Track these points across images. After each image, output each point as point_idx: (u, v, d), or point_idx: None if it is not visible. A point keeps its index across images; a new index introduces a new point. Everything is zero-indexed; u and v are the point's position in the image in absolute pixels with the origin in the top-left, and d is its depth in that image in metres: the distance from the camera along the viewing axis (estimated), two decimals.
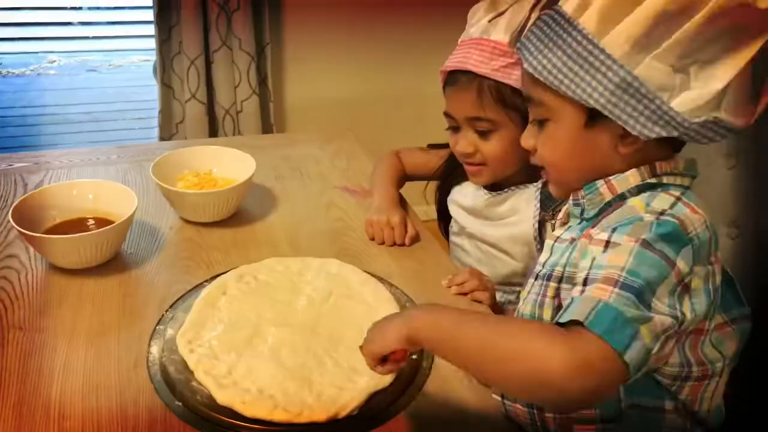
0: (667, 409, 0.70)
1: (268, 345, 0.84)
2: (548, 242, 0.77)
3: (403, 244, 1.09)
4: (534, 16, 0.93)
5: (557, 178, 0.76)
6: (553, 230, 1.00)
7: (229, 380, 0.78)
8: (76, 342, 0.86)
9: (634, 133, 0.64)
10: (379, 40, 2.28)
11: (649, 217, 0.63)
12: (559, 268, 0.72)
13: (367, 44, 2.28)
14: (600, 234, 0.65)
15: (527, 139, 0.76)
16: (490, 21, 0.97)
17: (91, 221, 1.05)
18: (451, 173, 1.16)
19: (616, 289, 0.56)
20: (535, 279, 0.76)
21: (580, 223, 0.74)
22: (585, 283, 0.59)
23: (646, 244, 0.59)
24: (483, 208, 1.08)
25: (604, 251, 0.62)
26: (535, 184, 1.04)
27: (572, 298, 0.59)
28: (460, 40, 1.03)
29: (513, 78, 0.95)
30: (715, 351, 0.69)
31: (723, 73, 0.61)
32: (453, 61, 1.01)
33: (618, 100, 0.64)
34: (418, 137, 1.30)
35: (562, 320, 0.56)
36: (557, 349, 0.53)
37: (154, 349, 0.84)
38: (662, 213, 0.63)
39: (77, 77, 2.39)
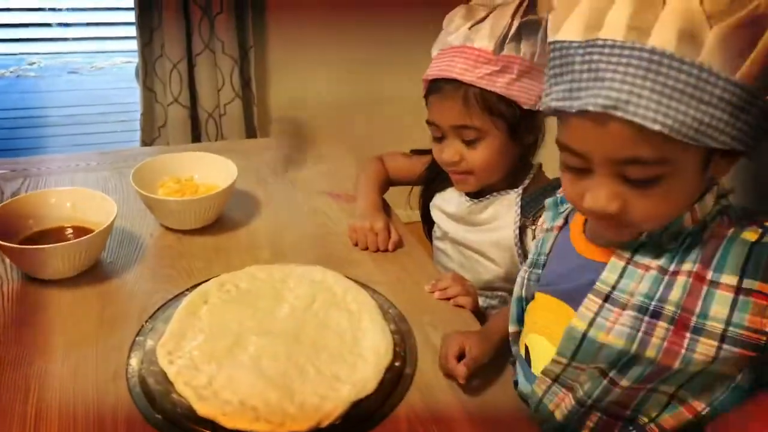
0: None
1: (249, 354, 0.83)
2: (615, 262, 0.70)
3: (386, 250, 1.09)
4: (516, 22, 0.93)
5: (652, 228, 0.67)
6: (533, 237, 1.00)
7: (210, 391, 0.78)
8: (53, 354, 0.84)
9: (749, 150, 0.61)
10: (362, 43, 2.27)
11: None
12: (671, 307, 0.66)
13: (351, 47, 2.27)
14: (730, 281, 0.63)
15: (611, 203, 0.63)
16: (470, 28, 0.96)
17: (70, 230, 1.04)
18: (434, 179, 1.16)
19: None
20: (607, 302, 0.69)
21: (646, 249, 0.68)
22: None
23: None
24: (465, 215, 1.08)
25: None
26: (515, 190, 1.04)
27: None
28: (439, 48, 1.01)
29: (498, 85, 0.95)
30: None
31: None
32: (436, 69, 1.00)
33: (756, 133, 0.60)
34: (402, 141, 1.30)
35: None
36: None
37: (134, 361, 0.83)
38: None
39: (58, 79, 2.36)
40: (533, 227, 1.00)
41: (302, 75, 2.26)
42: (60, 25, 2.22)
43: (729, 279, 0.63)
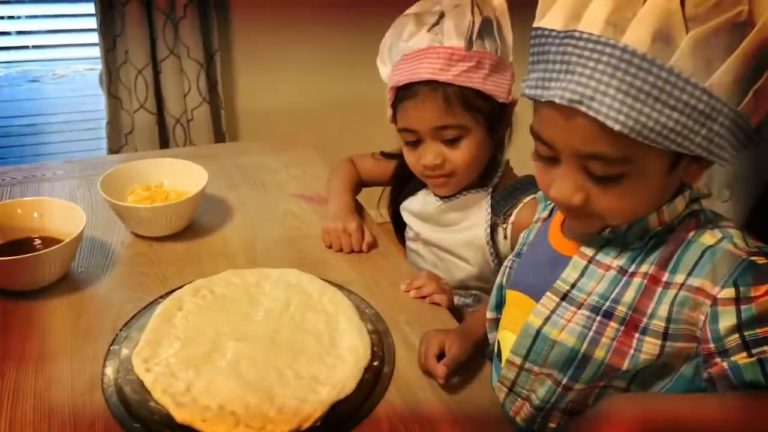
0: None
1: (227, 359, 0.83)
2: (578, 260, 0.71)
3: (360, 251, 1.09)
4: (477, 20, 0.94)
5: (616, 223, 0.68)
6: (505, 237, 1.01)
7: (188, 398, 0.77)
8: (25, 367, 0.83)
9: (724, 164, 0.61)
10: (329, 44, 2.27)
11: (761, 260, 0.61)
12: (623, 308, 0.67)
13: (319, 48, 2.27)
14: (720, 291, 0.62)
15: (573, 194, 0.64)
16: (429, 30, 0.97)
17: (38, 241, 1.02)
18: (403, 182, 1.15)
19: None
20: (564, 300, 0.70)
21: (610, 245, 0.69)
22: (748, 346, 0.60)
23: None
24: (436, 215, 1.09)
25: (745, 309, 0.60)
26: (485, 188, 1.05)
27: (762, 364, 0.59)
28: (400, 54, 1.00)
29: (475, 81, 0.95)
30: None
31: None
32: (406, 74, 0.98)
33: (725, 142, 0.59)
34: (372, 142, 1.30)
35: None
36: None
37: (109, 370, 0.82)
38: (763, 251, 0.62)
39: (19, 88, 2.31)
40: (504, 225, 1.01)
41: (269, 77, 2.25)
42: (19, 33, 2.17)
43: (678, 279, 0.64)
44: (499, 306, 0.84)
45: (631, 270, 0.68)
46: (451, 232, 1.08)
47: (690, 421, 0.60)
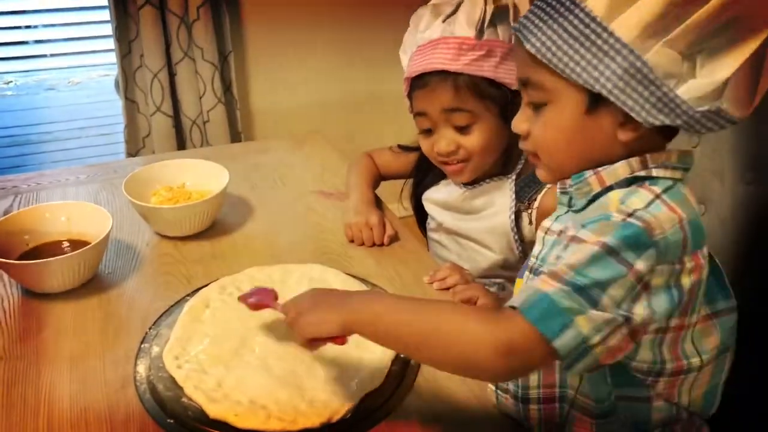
0: (652, 398, 0.70)
1: (256, 355, 0.84)
2: (539, 234, 0.75)
3: (382, 244, 1.10)
4: (489, 9, 0.95)
5: (551, 164, 0.72)
6: (530, 222, 1.02)
7: (220, 393, 0.78)
8: (59, 367, 0.84)
9: (639, 120, 0.63)
10: (341, 41, 2.28)
11: (617, 217, 0.62)
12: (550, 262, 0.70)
13: (331, 46, 2.28)
14: (571, 230, 0.65)
15: (520, 123, 0.73)
16: (444, 21, 0.97)
17: (66, 244, 1.04)
18: (424, 173, 1.16)
19: (559, 284, 0.59)
20: (530, 272, 0.74)
21: (567, 212, 0.73)
22: (538, 273, 0.63)
23: (605, 246, 0.60)
24: (459, 203, 1.09)
25: (567, 246, 0.63)
26: (509, 175, 1.05)
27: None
28: (415, 46, 1.01)
29: (485, 69, 0.96)
30: (693, 347, 0.69)
31: (729, 63, 0.60)
32: (418, 66, 1.00)
33: (625, 85, 0.62)
34: (387, 138, 1.31)
35: (505, 306, 0.61)
36: (487, 330, 0.60)
37: (141, 368, 0.83)
38: (632, 213, 0.62)
39: (36, 97, 2.34)
40: (529, 212, 1.02)
41: (283, 76, 2.26)
42: (36, 42, 2.20)
43: (572, 231, 0.66)
44: None
45: (564, 228, 0.71)
46: (475, 219, 1.08)
47: (381, 317, 0.68)
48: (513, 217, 1.03)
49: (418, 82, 1.01)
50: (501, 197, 1.05)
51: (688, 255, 0.63)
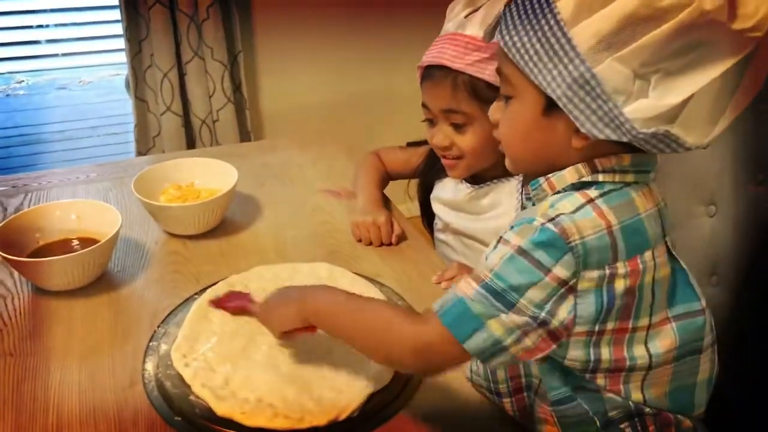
0: (601, 390, 0.70)
1: (263, 353, 0.84)
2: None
3: (390, 244, 1.10)
4: None
5: (510, 155, 0.75)
6: None
7: (227, 391, 0.78)
8: (69, 364, 0.85)
9: (583, 131, 0.63)
10: (351, 41, 2.28)
11: (538, 221, 0.63)
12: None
13: (340, 46, 2.28)
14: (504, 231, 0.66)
15: (494, 112, 0.75)
16: (466, 17, 0.97)
17: (76, 241, 1.04)
18: (431, 169, 1.16)
19: (478, 287, 0.63)
20: None
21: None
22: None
23: (520, 250, 0.62)
24: (465, 203, 1.09)
25: (495, 248, 0.65)
26: (516, 177, 1.05)
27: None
28: (438, 37, 1.03)
29: (487, 73, 0.96)
30: (644, 348, 0.68)
31: (682, 87, 0.59)
32: (429, 56, 1.01)
33: (573, 94, 0.62)
34: (395, 137, 1.31)
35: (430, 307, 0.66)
36: (409, 330, 0.68)
37: (149, 366, 0.84)
38: (553, 218, 0.63)
39: (47, 96, 2.36)
40: None
41: (292, 75, 2.27)
42: (48, 41, 2.21)
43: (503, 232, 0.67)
44: None
45: None
46: (482, 220, 1.08)
47: (324, 309, 0.76)
48: None
49: (426, 72, 1.03)
50: (507, 198, 1.05)
51: (622, 260, 0.63)
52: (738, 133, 1.01)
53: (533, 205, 0.71)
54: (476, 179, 1.08)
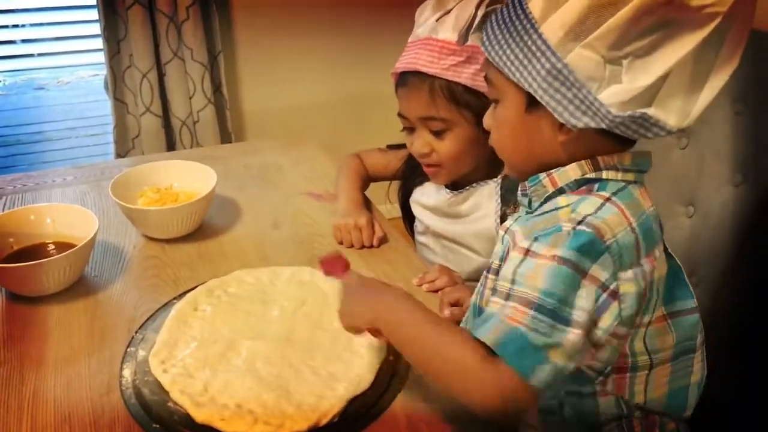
0: (598, 394, 0.70)
1: (243, 358, 0.83)
2: (500, 232, 0.76)
3: (371, 246, 1.09)
4: (480, 12, 0.94)
5: (505, 159, 0.76)
6: None
7: (206, 397, 0.77)
8: (44, 372, 0.83)
9: (562, 120, 0.65)
10: (332, 41, 2.27)
11: (567, 227, 0.63)
12: (497, 261, 0.72)
13: (321, 46, 2.27)
14: (523, 242, 0.65)
15: (486, 119, 0.76)
16: (437, 20, 0.97)
17: (52, 246, 1.02)
18: (411, 174, 1.16)
19: (532, 312, 0.60)
20: (489, 272, 0.76)
21: (527, 214, 0.74)
22: (507, 298, 0.62)
23: (561, 260, 0.61)
24: (446, 207, 1.09)
25: (523, 261, 0.63)
26: (495, 180, 1.05)
27: (491, 311, 0.63)
28: (409, 41, 1.03)
29: (463, 76, 0.96)
30: (644, 346, 0.69)
31: (653, 68, 0.60)
32: (403, 63, 1.01)
33: (548, 86, 0.64)
34: (377, 138, 1.31)
35: (477, 334, 0.62)
36: (484, 381, 0.61)
37: (127, 373, 0.82)
38: (581, 221, 0.63)
39: (24, 96, 2.32)
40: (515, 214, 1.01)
41: (273, 77, 2.25)
42: (24, 41, 2.18)
43: (525, 243, 0.66)
44: None
45: (513, 236, 0.72)
46: (462, 223, 1.08)
47: (400, 329, 0.69)
48: (499, 220, 1.02)
49: (401, 79, 1.02)
50: (487, 201, 1.05)
51: (644, 258, 0.64)
52: (716, 133, 1.02)
53: (529, 201, 0.72)
54: (456, 184, 1.08)
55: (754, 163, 0.98)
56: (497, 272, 0.71)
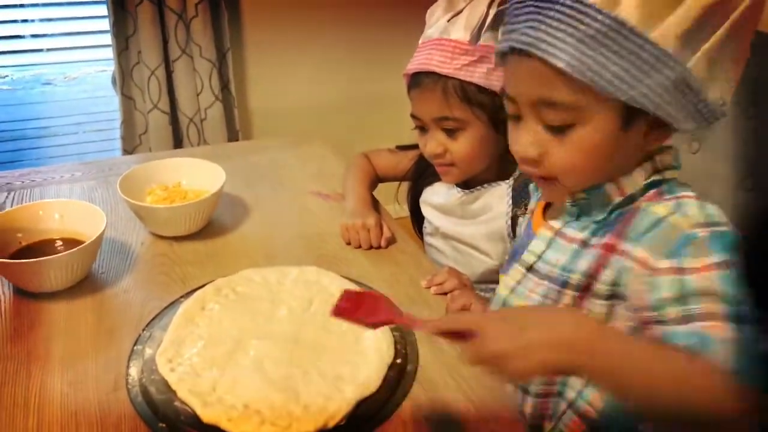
0: None
1: (251, 358, 0.83)
2: (544, 233, 0.73)
3: (379, 247, 1.09)
4: (492, 12, 0.94)
5: (573, 184, 0.70)
6: None
7: (214, 397, 0.77)
8: (50, 368, 0.83)
9: (678, 127, 0.63)
10: (341, 40, 2.27)
11: (702, 232, 0.62)
12: (577, 276, 0.69)
13: (330, 44, 2.27)
14: (661, 262, 0.62)
15: (530, 147, 0.68)
16: (449, 20, 0.97)
17: (59, 242, 1.02)
18: (421, 174, 1.16)
19: (734, 325, 0.58)
20: (529, 272, 0.73)
21: (579, 220, 0.72)
22: (688, 320, 0.59)
23: (724, 265, 0.60)
24: (456, 207, 1.09)
25: (683, 278, 0.61)
26: (506, 181, 1.05)
27: (701, 336, 0.57)
28: (420, 42, 1.03)
29: (476, 76, 0.96)
30: None
31: (737, 63, 0.62)
32: (415, 63, 1.01)
33: (671, 97, 0.61)
34: (385, 138, 1.30)
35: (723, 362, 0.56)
36: (729, 406, 0.53)
37: (133, 371, 0.82)
38: (709, 223, 0.63)
39: (32, 92, 2.32)
40: (525, 216, 1.01)
41: (282, 75, 2.25)
42: (33, 36, 2.18)
43: (627, 247, 0.66)
44: None
45: (592, 242, 0.70)
46: (472, 224, 1.08)
47: (617, 351, 0.56)
48: (510, 222, 1.02)
49: (414, 80, 1.02)
50: (498, 202, 1.05)
51: None
52: (727, 138, 1.01)
53: (578, 213, 0.71)
54: (467, 184, 1.08)
55: (765, 167, 0.98)
56: (566, 285, 0.70)
